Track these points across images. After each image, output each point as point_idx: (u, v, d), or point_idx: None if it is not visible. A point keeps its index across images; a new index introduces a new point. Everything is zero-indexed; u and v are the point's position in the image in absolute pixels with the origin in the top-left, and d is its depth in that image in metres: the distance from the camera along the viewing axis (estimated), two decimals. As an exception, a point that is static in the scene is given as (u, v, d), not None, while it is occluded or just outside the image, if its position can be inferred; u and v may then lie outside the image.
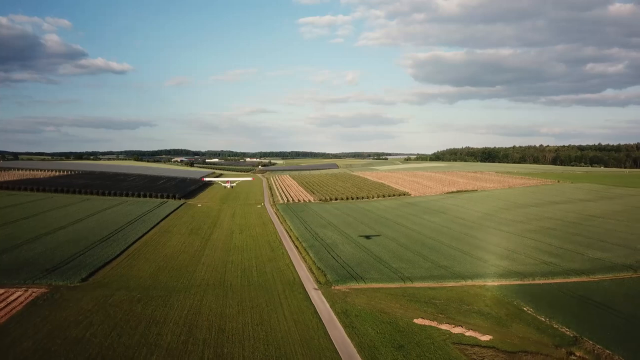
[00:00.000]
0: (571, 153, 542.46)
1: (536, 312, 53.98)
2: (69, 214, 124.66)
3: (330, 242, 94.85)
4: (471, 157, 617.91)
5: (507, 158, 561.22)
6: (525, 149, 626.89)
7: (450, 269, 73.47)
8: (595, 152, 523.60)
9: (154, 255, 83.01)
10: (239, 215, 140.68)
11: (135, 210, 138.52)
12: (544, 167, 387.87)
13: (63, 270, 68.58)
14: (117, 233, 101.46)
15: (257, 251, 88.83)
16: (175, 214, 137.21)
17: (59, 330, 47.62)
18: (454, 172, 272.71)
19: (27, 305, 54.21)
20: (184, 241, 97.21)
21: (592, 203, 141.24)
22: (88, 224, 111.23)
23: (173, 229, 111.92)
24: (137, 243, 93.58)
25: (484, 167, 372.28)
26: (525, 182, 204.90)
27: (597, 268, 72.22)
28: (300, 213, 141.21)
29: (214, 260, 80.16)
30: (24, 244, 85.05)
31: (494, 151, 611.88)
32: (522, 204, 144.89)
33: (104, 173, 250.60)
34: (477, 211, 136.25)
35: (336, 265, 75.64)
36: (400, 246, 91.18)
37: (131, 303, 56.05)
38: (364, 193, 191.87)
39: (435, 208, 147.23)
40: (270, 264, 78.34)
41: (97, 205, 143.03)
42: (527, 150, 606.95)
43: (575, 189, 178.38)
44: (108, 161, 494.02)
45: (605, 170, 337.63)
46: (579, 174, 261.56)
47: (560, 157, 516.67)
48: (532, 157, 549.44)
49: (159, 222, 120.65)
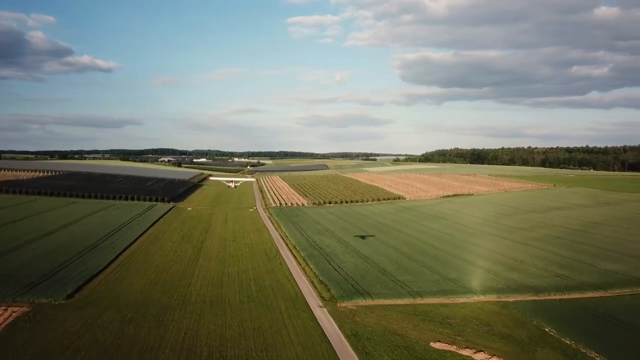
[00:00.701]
0: (559, 155, 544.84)
1: (560, 334, 50.37)
2: (54, 219, 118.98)
3: (329, 252, 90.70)
4: (460, 159, 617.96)
5: (496, 160, 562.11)
6: (514, 150, 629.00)
7: (459, 282, 69.79)
8: (583, 155, 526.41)
9: (144, 266, 78.18)
10: (231, 220, 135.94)
11: (123, 214, 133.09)
12: (534, 170, 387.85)
13: (47, 284, 63.55)
14: (105, 240, 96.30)
15: (254, 261, 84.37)
16: (165, 219, 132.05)
17: (42, 356, 42.93)
18: (447, 175, 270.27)
19: (7, 328, 49.30)
20: (175, 250, 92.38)
21: (593, 209, 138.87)
22: (74, 230, 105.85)
23: (163, 236, 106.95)
24: (126, 252, 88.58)
25: (475, 169, 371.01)
26: (520, 186, 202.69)
27: (612, 282, 69.02)
28: (294, 218, 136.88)
29: (209, 272, 75.57)
30: (4, 254, 79.65)
31: (483, 152, 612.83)
32: (521, 210, 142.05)
33: (90, 174, 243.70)
34: (477, 217, 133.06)
35: (339, 278, 71.52)
36: (403, 256, 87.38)
37: (122, 324, 51.37)
38: (358, 196, 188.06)
39: (433, 213, 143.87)
40: (269, 277, 73.99)
41: (84, 209, 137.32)
42: (516, 152, 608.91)
43: (573, 194, 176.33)
44: (94, 161, 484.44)
45: (597, 174, 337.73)
46: (572, 178, 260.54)
47: (549, 159, 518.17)
48: (521, 159, 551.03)
49: (149, 228, 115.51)
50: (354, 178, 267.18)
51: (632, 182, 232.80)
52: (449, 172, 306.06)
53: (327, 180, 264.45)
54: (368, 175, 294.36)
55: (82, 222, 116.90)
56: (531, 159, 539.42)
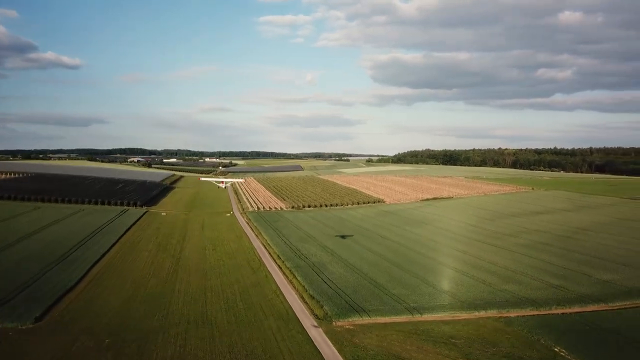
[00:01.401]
0: (529, 156, 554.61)
1: (570, 355, 47.72)
2: (18, 226, 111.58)
3: (316, 261, 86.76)
4: (432, 160, 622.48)
5: (468, 161, 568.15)
6: (485, 152, 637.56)
7: (456, 295, 66.87)
8: (552, 156, 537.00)
9: (120, 281, 72.74)
10: (208, 226, 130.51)
11: (94, 220, 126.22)
12: (507, 171, 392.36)
13: (11, 306, 57.67)
14: (76, 250, 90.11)
15: (237, 273, 79.72)
16: (139, 225, 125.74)
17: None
18: (423, 177, 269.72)
19: (-34, 360, 43.81)
20: (152, 260, 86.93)
21: (575, 214, 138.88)
22: (41, 239, 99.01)
23: (138, 244, 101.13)
24: (100, 263, 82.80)
25: (450, 170, 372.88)
26: (498, 189, 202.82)
27: (611, 293, 67.19)
28: (274, 223, 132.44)
29: (191, 287, 70.66)
30: (-36, 268, 73.08)
31: (455, 154, 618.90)
32: (504, 214, 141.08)
33: (57, 176, 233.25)
34: (460, 222, 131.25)
35: (330, 292, 67.70)
36: (393, 265, 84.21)
37: (99, 353, 46.33)
38: (337, 199, 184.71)
39: (415, 218, 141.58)
40: (256, 291, 69.58)
41: (51, 215, 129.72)
42: (487, 153, 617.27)
43: (551, 197, 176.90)
44: (60, 161, 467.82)
45: (569, 176, 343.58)
46: (547, 180, 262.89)
47: (519, 161, 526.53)
48: (492, 160, 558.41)
49: (122, 235, 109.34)
50: (330, 180, 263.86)
51: (604, 184, 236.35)
52: (425, 174, 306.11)
53: (303, 182, 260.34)
54: (344, 177, 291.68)
55: (50, 230, 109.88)
56: (502, 160, 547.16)
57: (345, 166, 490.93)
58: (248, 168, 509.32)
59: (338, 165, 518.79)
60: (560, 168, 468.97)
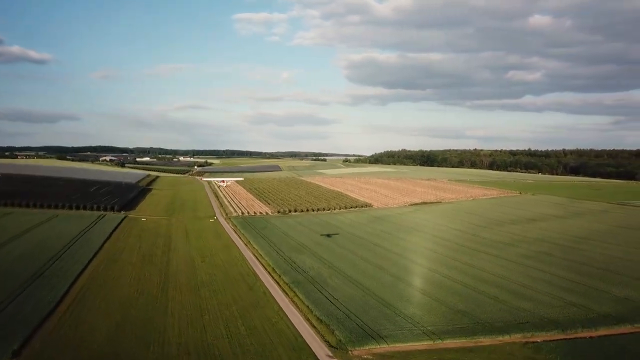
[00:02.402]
0: (505, 158, 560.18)
1: (615, 389, 43.78)
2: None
3: (314, 275, 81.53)
4: (410, 161, 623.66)
5: (445, 162, 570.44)
6: (462, 153, 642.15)
7: (472, 315, 62.52)
8: (528, 158, 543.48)
9: (105, 301, 66.08)
10: (193, 233, 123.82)
11: (70, 228, 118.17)
12: (486, 173, 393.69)
13: (-15, 336, 50.79)
14: (53, 264, 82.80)
15: (233, 291, 73.82)
16: (119, 233, 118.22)
17: None
18: (407, 180, 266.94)
19: None
20: (138, 275, 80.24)
21: (570, 221, 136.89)
22: (12, 251, 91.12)
23: (121, 256, 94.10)
24: (81, 279, 75.88)
25: (430, 172, 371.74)
26: (485, 193, 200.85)
27: (633, 312, 63.61)
28: (262, 231, 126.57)
29: (185, 308, 64.50)
30: None
31: (432, 155, 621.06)
32: (497, 221, 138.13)
33: (27, 177, 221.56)
34: (455, 229, 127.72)
35: (338, 313, 62.59)
36: (396, 279, 79.72)
37: (91, 397, 40.22)
38: (323, 203, 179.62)
39: (407, 224, 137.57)
40: (257, 313, 63.87)
41: (23, 222, 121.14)
42: (463, 154, 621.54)
43: (541, 203, 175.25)
44: (28, 160, 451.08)
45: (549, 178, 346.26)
46: (531, 184, 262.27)
47: (496, 162, 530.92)
48: (470, 162, 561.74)
49: (102, 244, 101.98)
50: (313, 182, 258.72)
51: (587, 188, 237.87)
52: (407, 176, 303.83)
53: (285, 184, 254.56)
54: (326, 178, 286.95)
55: (23, 240, 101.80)
56: (479, 162, 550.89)
57: (324, 167, 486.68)
58: (225, 168, 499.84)
59: (317, 166, 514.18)
60: (536, 170, 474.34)
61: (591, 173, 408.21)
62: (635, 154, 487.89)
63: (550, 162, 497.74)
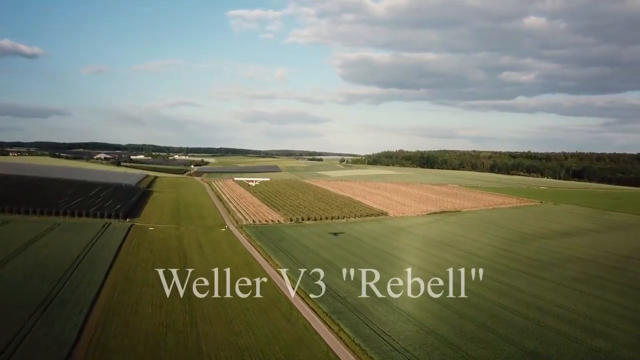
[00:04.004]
0: (506, 160, 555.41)
1: None
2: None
3: (356, 304, 73.50)
4: (408, 162, 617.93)
5: (445, 164, 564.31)
6: (461, 154, 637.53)
7: (545, 358, 54.94)
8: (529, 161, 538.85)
9: (129, 338, 57.79)
10: (207, 246, 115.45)
11: (76, 240, 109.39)
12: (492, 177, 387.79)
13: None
14: (63, 288, 74.18)
15: (269, 322, 65.73)
16: (128, 246, 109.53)
17: None
18: (415, 184, 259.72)
19: None
20: (160, 302, 71.79)
21: (606, 236, 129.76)
22: (15, 271, 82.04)
23: (135, 275, 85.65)
24: (96, 308, 67.35)
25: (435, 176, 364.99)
26: (503, 201, 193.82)
27: None
28: (280, 243, 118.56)
29: (220, 347, 56.36)
30: None
31: (431, 156, 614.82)
32: (529, 235, 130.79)
33: (22, 178, 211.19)
34: (485, 243, 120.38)
35: (399, 357, 54.79)
36: (448, 310, 71.90)
37: None
38: (336, 211, 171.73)
39: (433, 237, 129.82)
40: (304, 354, 55.92)
41: (22, 234, 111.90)
42: (463, 156, 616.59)
43: (569, 214, 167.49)
44: (21, 157, 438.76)
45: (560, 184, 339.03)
46: (546, 191, 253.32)
47: (497, 165, 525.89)
48: (470, 164, 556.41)
49: (113, 261, 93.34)
50: (319, 186, 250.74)
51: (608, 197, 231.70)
52: (414, 180, 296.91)
53: (291, 188, 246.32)
54: (332, 182, 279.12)
55: (24, 256, 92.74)
56: (480, 164, 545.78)
57: (324, 168, 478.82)
58: (223, 168, 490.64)
59: (315, 166, 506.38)
60: (538, 173, 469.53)
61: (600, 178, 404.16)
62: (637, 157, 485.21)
63: (552, 166, 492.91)
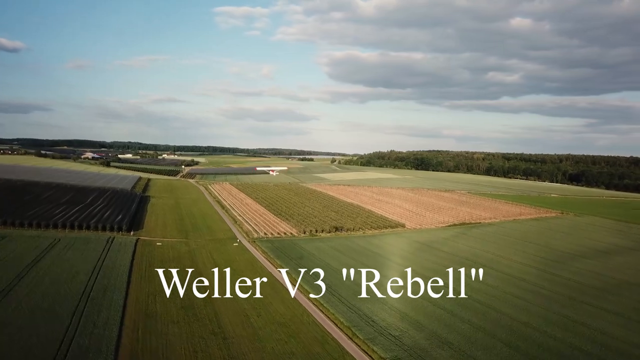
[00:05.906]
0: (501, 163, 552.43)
1: None
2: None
3: (412, 345, 65.13)
4: (402, 163, 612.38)
5: (441, 166, 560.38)
6: (456, 156, 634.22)
7: None
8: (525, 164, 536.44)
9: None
10: (223, 265, 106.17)
11: (80, 260, 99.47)
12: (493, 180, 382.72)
13: None
14: (78, 329, 64.56)
15: (324, 374, 57.13)
16: (139, 267, 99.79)
17: None
18: (423, 190, 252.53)
19: None
20: (191, 345, 62.66)
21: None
22: (19, 306, 72.07)
23: (156, 308, 76.18)
24: (120, 355, 58.04)
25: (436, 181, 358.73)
26: (521, 211, 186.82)
27: None
28: (300, 261, 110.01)
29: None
30: None
31: (426, 158, 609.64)
32: (563, 253, 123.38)
33: (9, 182, 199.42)
34: (518, 262, 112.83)
35: None
36: (508, 347, 63.84)
37: None
38: (349, 222, 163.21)
39: (461, 254, 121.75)
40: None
41: (20, 253, 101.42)
42: (457, 158, 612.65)
43: (598, 228, 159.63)
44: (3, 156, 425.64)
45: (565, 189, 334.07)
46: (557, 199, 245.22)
47: (493, 167, 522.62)
48: (465, 166, 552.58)
49: (127, 289, 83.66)
50: (323, 192, 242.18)
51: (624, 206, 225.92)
52: (418, 185, 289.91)
53: (293, 193, 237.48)
54: (335, 187, 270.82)
55: (27, 283, 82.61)
56: (476, 167, 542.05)
57: (319, 169, 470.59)
58: (216, 169, 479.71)
59: (310, 168, 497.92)
60: (535, 177, 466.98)
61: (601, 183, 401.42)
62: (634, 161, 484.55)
63: (549, 169, 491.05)
